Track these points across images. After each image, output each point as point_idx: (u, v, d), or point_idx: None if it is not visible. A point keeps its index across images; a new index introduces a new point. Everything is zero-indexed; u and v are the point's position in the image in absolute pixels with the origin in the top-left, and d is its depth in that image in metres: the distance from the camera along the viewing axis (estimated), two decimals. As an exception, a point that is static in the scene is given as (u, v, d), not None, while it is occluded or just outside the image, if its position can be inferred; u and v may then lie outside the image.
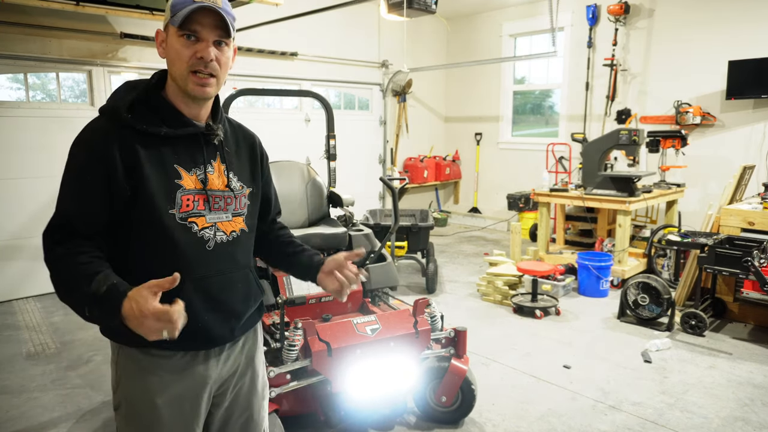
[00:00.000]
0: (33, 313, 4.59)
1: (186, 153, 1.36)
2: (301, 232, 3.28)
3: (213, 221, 1.38)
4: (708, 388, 3.22)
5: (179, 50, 1.30)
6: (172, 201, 1.31)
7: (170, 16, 1.30)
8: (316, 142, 4.35)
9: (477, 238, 7.54)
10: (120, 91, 1.38)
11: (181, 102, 1.37)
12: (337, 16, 6.73)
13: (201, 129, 1.39)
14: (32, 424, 2.88)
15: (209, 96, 1.37)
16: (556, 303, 4.50)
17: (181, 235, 1.32)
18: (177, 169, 1.34)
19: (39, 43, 4.91)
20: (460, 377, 2.74)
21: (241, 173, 1.48)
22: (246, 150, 1.54)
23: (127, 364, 1.38)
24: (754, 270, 3.67)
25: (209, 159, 1.40)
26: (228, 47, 1.37)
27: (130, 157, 1.28)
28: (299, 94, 4.08)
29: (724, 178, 5.51)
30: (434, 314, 2.78)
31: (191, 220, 1.34)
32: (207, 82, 1.33)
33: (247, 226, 1.47)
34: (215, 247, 1.38)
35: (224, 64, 1.36)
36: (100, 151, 1.27)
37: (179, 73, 1.32)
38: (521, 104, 8.11)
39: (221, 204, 1.40)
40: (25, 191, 4.93)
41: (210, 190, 1.38)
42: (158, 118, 1.34)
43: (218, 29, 1.32)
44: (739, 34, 5.64)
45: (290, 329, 2.44)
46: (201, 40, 1.31)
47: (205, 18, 1.29)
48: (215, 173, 1.40)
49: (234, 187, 1.44)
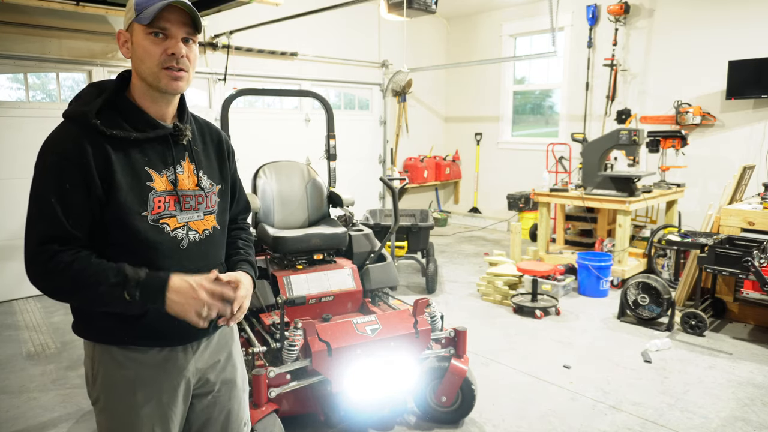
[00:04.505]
0: (33, 313, 4.59)
1: (155, 154, 1.37)
2: (301, 232, 3.28)
3: (185, 221, 1.40)
4: (708, 388, 3.22)
5: (148, 48, 1.30)
6: (143, 203, 1.33)
7: (135, 14, 1.30)
8: (316, 142, 4.36)
9: (477, 238, 7.54)
10: (86, 95, 1.37)
11: (148, 101, 1.37)
12: (337, 16, 6.73)
13: (169, 130, 1.39)
14: (32, 424, 2.88)
15: (181, 90, 1.37)
16: (556, 303, 4.50)
17: (154, 236, 1.34)
18: (148, 171, 1.35)
19: (39, 43, 4.92)
20: (460, 377, 2.74)
21: (210, 171, 1.50)
22: (213, 147, 1.55)
23: (104, 359, 1.40)
24: (754, 270, 3.67)
25: (178, 159, 1.41)
26: (194, 44, 1.38)
27: (102, 162, 1.28)
28: (299, 94, 4.08)
29: (724, 178, 5.51)
30: (434, 314, 2.78)
31: (163, 221, 1.36)
32: (179, 76, 1.33)
33: (218, 224, 1.49)
34: (189, 246, 1.40)
35: (193, 60, 1.37)
36: (74, 158, 1.26)
37: (149, 70, 1.31)
38: (521, 104, 8.11)
39: (192, 203, 1.42)
40: (25, 191, 4.86)
41: (180, 191, 1.40)
42: (125, 121, 1.34)
43: (186, 26, 1.33)
44: (739, 34, 5.64)
45: (290, 329, 2.44)
46: (170, 38, 1.31)
47: (172, 15, 1.30)
48: (185, 173, 1.42)
49: (204, 185, 1.46)
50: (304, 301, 3.09)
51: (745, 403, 3.05)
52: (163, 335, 1.39)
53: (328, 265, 3.32)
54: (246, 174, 3.36)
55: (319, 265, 3.30)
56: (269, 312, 3.08)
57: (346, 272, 3.29)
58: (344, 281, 3.26)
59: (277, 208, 3.54)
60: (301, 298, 3.09)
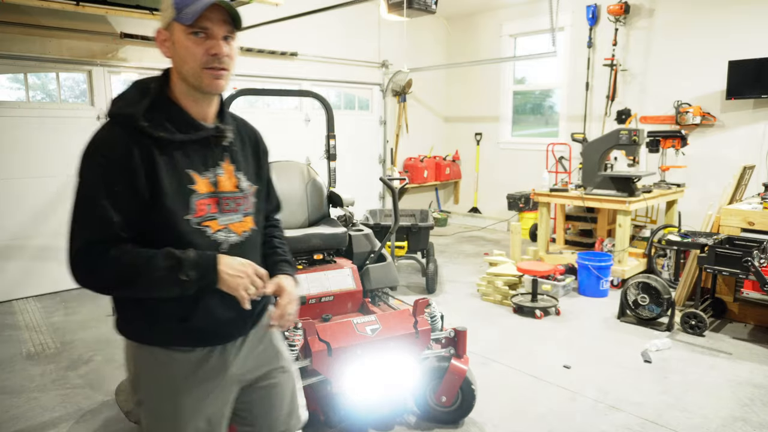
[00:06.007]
0: (33, 313, 4.59)
1: (197, 156, 1.37)
2: (301, 232, 3.28)
3: (225, 224, 1.40)
4: (708, 388, 3.22)
5: (190, 48, 1.30)
6: (186, 206, 1.33)
7: (175, 14, 1.29)
8: (316, 142, 4.35)
9: (477, 238, 7.54)
10: (132, 95, 1.35)
11: (191, 101, 1.37)
12: (337, 16, 6.72)
13: (212, 132, 1.40)
14: (32, 424, 2.88)
15: (223, 89, 1.37)
16: (556, 303, 4.50)
17: (196, 239, 1.34)
18: (190, 173, 1.35)
19: (39, 43, 4.91)
20: (460, 377, 2.74)
21: (248, 172, 1.50)
22: (251, 147, 1.55)
23: (147, 360, 1.41)
24: (754, 270, 3.67)
25: (218, 161, 1.41)
26: (234, 41, 1.37)
27: (148, 165, 1.29)
28: (299, 94, 4.07)
29: (724, 178, 5.51)
30: (434, 314, 2.78)
31: (205, 224, 1.36)
32: (221, 75, 1.33)
33: (256, 225, 1.50)
34: (229, 249, 1.40)
35: (233, 58, 1.36)
36: (123, 161, 1.27)
37: (192, 71, 1.32)
38: (521, 104, 8.11)
39: (232, 206, 1.42)
40: (25, 191, 4.92)
41: (221, 193, 1.40)
42: (169, 122, 1.34)
43: (227, 24, 1.32)
44: (739, 34, 5.64)
45: (290, 329, 2.44)
46: (211, 37, 1.31)
47: (214, 14, 1.29)
48: (225, 175, 1.42)
49: (243, 187, 1.46)
50: (304, 301, 3.09)
51: (745, 403, 3.05)
52: (205, 335, 1.41)
53: (328, 265, 3.32)
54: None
55: (319, 265, 3.30)
56: (269, 312, 3.08)
57: (346, 272, 3.29)
58: (344, 281, 3.26)
59: (277, 208, 3.53)
60: (300, 298, 3.09)
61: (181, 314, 1.36)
